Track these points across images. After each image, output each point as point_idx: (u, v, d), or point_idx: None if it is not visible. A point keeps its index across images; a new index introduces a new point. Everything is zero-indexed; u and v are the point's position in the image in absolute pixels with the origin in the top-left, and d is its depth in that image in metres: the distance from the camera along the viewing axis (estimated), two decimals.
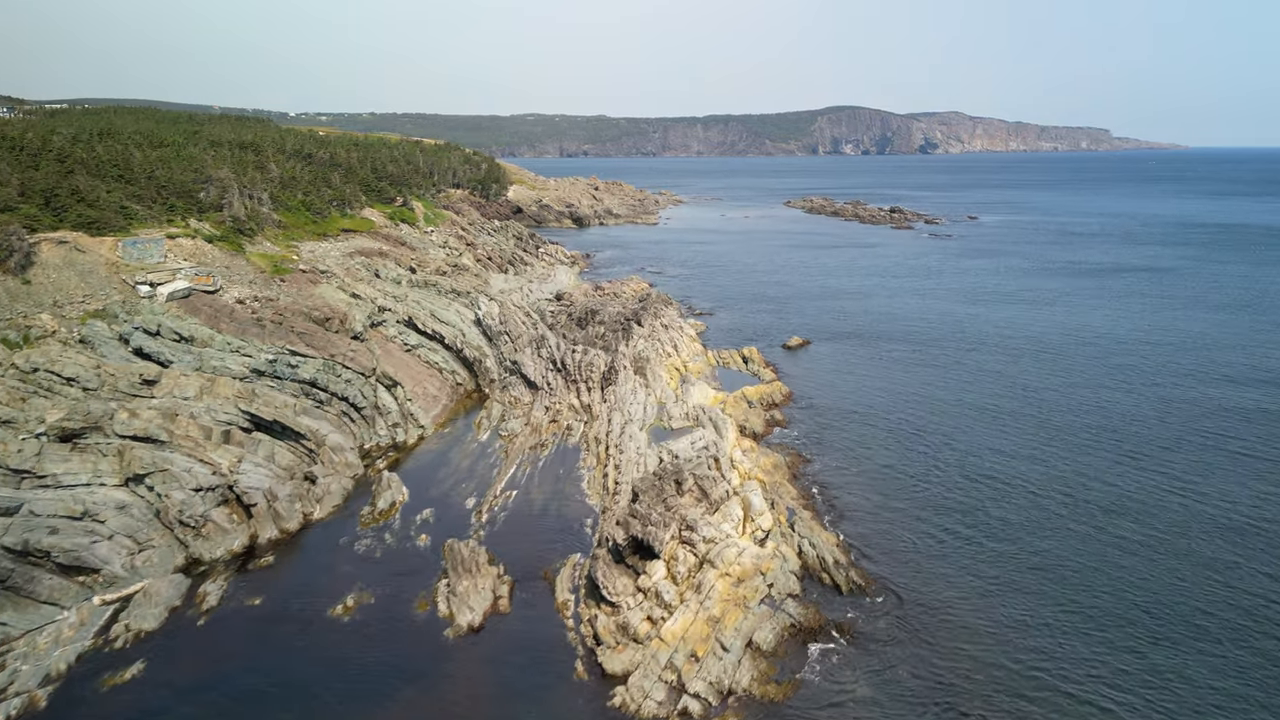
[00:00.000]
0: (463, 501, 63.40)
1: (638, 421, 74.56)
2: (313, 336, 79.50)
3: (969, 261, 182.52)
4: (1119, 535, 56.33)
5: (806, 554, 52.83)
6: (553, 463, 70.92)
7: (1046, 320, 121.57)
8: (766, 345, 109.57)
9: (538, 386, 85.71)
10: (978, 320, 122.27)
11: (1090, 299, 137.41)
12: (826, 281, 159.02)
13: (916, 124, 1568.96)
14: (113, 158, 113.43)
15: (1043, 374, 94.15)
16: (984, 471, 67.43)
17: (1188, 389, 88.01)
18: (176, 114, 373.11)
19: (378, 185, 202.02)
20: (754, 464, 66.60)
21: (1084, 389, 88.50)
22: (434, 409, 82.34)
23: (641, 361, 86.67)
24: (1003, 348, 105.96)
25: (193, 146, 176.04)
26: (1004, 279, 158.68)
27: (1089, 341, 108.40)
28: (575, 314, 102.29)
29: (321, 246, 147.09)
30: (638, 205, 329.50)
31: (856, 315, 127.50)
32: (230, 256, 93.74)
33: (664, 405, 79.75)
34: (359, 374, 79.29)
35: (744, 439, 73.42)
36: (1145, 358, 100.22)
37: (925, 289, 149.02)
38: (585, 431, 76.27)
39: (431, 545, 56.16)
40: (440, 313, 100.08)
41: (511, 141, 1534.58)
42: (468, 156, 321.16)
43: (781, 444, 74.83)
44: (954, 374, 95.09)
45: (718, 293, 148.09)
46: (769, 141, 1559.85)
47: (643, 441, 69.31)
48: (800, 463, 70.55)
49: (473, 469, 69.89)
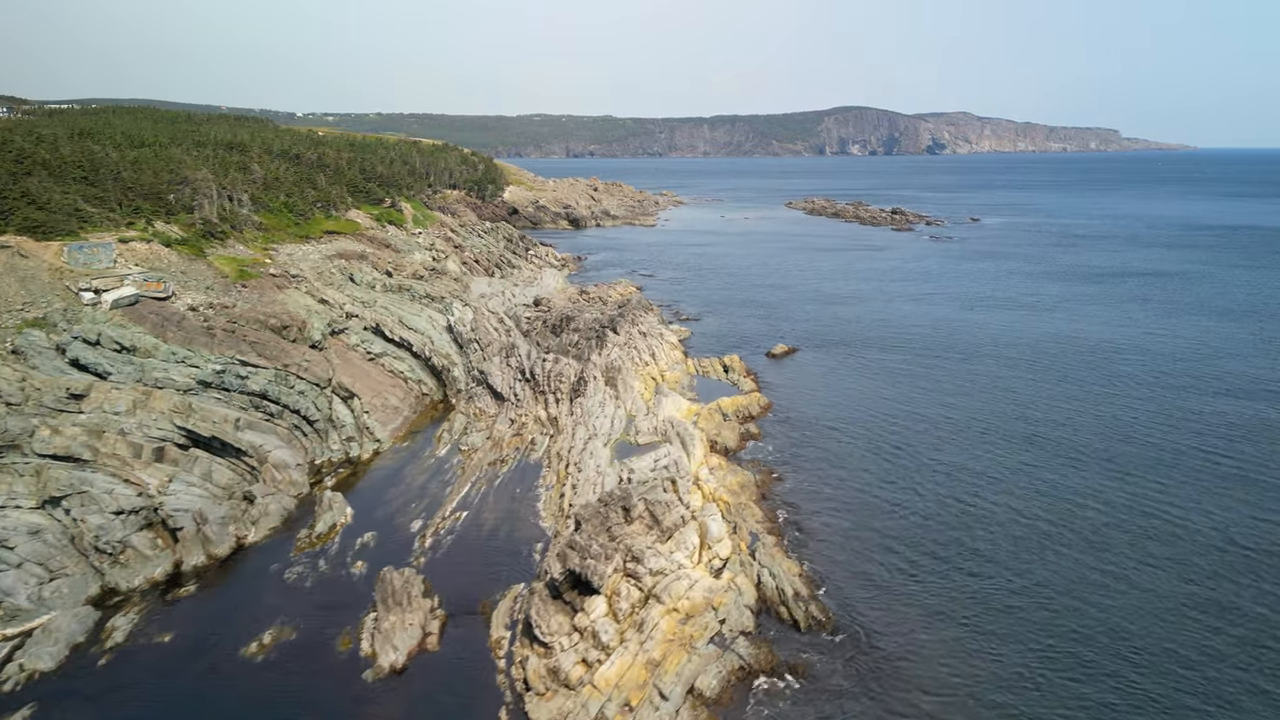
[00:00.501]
0: (409, 524, 59.75)
1: (603, 436, 70.86)
2: (265, 345, 76.01)
3: (967, 265, 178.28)
4: (1110, 573, 52.19)
5: (766, 585, 49.01)
6: (511, 481, 67.22)
7: (1043, 327, 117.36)
8: (751, 353, 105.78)
9: (504, 398, 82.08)
10: (972, 327, 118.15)
11: (1090, 305, 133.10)
12: (820, 285, 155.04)
13: (924, 124, 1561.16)
14: (78, 158, 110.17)
15: (1036, 385, 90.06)
16: (965, 495, 63.44)
17: (1187, 401, 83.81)
18: (175, 114, 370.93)
19: (365, 186, 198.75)
20: (720, 483, 62.80)
21: (1078, 402, 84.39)
22: (394, 421, 78.76)
23: (613, 371, 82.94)
24: (996, 357, 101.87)
25: (175, 147, 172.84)
26: (1002, 283, 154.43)
27: (1086, 350, 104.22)
28: (550, 320, 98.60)
29: (301, 249, 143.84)
30: (636, 207, 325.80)
31: (847, 321, 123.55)
32: (189, 261, 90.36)
33: (633, 418, 76.03)
34: (314, 385, 75.78)
35: (714, 455, 69.64)
36: (1144, 367, 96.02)
37: (921, 294, 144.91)
38: (550, 446, 72.57)
39: (367, 573, 52.51)
40: (409, 319, 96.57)
41: (518, 142, 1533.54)
42: (465, 157, 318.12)
43: (754, 460, 71.01)
44: (943, 385, 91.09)
45: (707, 297, 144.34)
46: (775, 142, 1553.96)
47: (604, 459, 65.59)
48: (771, 481, 66.72)
49: (425, 487, 66.25)
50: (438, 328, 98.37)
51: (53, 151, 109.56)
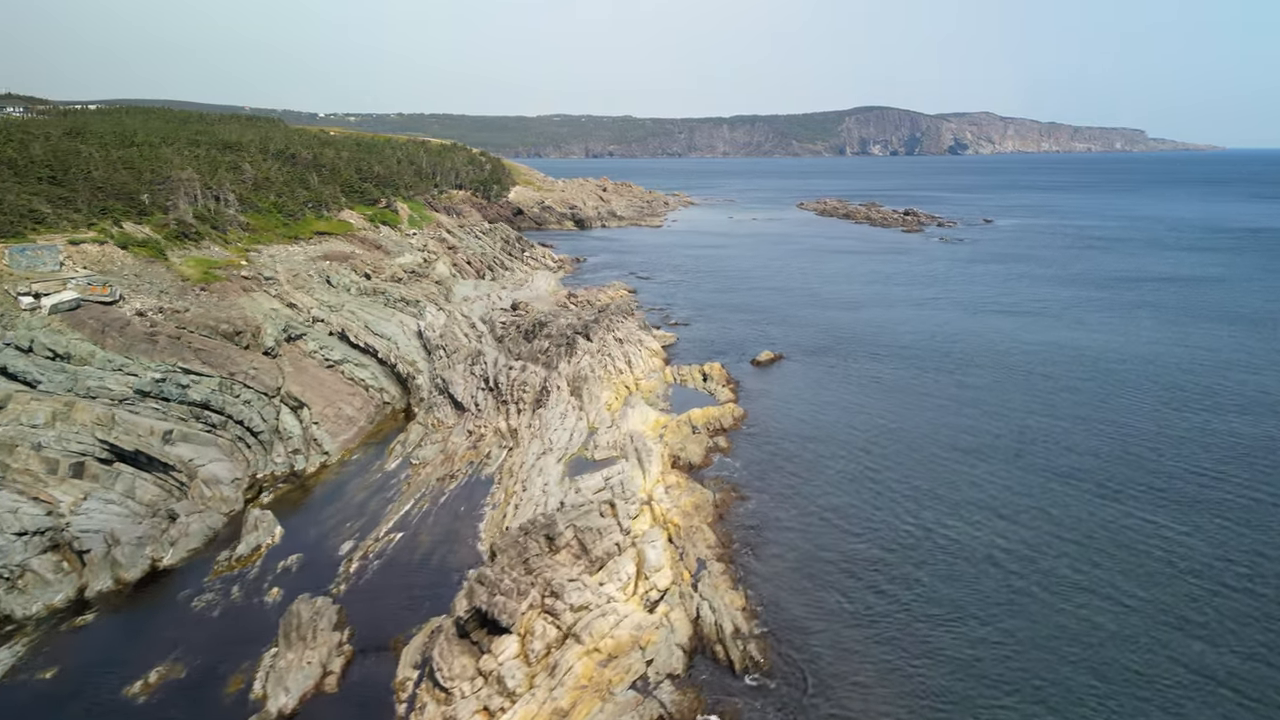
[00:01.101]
0: (338, 546, 56.17)
1: (558, 450, 67.03)
2: (211, 353, 72.81)
3: (975, 268, 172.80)
4: (1086, 624, 47.60)
5: (704, 620, 44.95)
6: (457, 498, 63.50)
7: (1045, 335, 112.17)
8: (736, 360, 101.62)
9: (464, 408, 78.42)
10: (970, 335, 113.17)
11: (1098, 311, 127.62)
12: (819, 289, 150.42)
13: (946, 124, 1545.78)
14: (47, 158, 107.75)
15: (1031, 399, 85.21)
16: (940, 523, 58.96)
17: (1191, 418, 78.70)
18: (190, 114, 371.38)
19: (361, 187, 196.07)
20: (674, 504, 58.74)
21: (1073, 418, 79.50)
22: (346, 432, 75.28)
23: (579, 381, 79.11)
24: (993, 366, 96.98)
25: (166, 146, 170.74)
26: (1008, 288, 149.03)
27: (1089, 360, 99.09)
28: (523, 326, 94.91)
29: (287, 250, 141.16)
30: (645, 207, 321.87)
31: (840, 327, 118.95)
32: (146, 264, 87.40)
33: (595, 431, 72.16)
34: (261, 394, 72.53)
35: (674, 472, 65.59)
36: (1149, 379, 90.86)
37: (922, 298, 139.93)
38: (505, 460, 68.79)
39: (283, 602, 48.91)
40: (376, 324, 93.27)
41: (537, 142, 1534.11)
42: (473, 157, 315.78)
43: (718, 477, 66.85)
44: (931, 397, 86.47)
45: (702, 300, 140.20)
46: (795, 142, 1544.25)
47: (554, 476, 61.75)
48: (733, 501, 62.56)
49: (365, 505, 62.70)
50: (408, 333, 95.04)
51: (21, 151, 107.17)
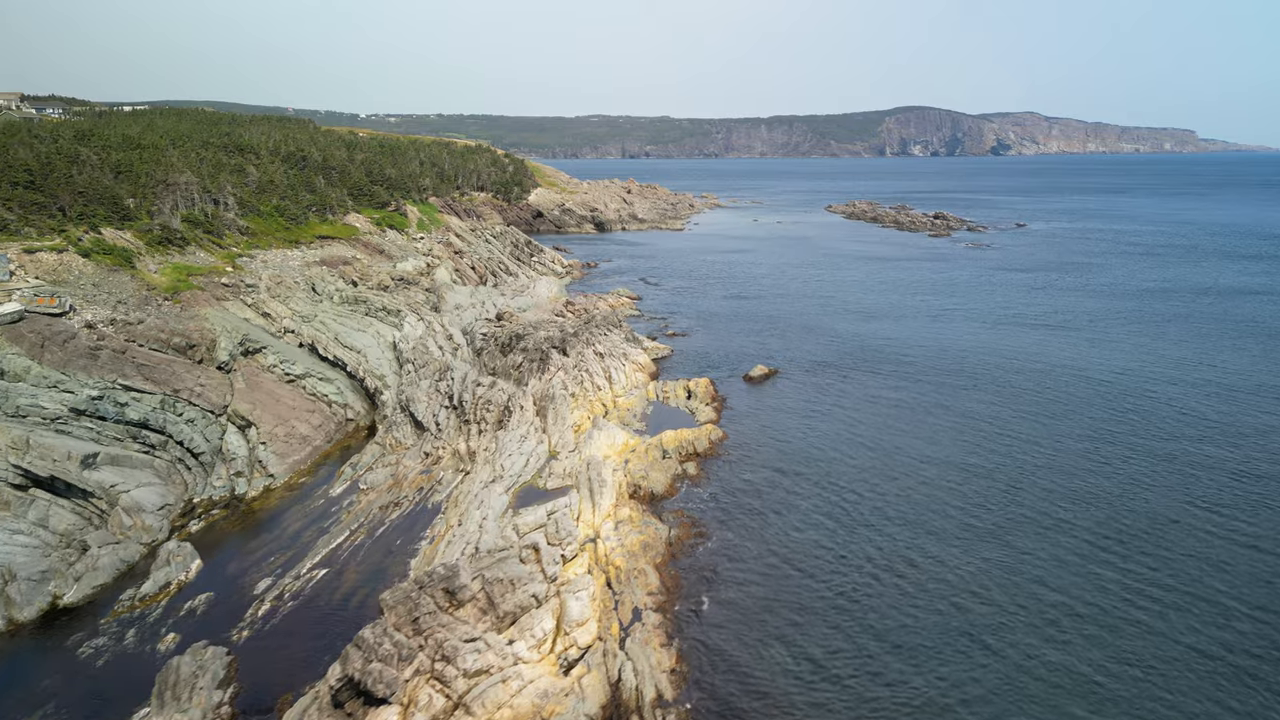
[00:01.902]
0: (255, 584, 52.23)
1: (509, 478, 62.56)
2: (155, 368, 69.49)
3: (999, 277, 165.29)
4: (1067, 683, 42.15)
5: (625, 685, 40.17)
6: (397, 530, 59.31)
7: (1064, 352, 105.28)
8: (729, 374, 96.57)
9: (425, 427, 74.32)
10: (983, 351, 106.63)
11: (1124, 325, 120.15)
12: (831, 298, 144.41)
13: (989, 124, 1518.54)
14: (25, 162, 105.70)
15: (1036, 425, 78.96)
16: (916, 569, 53.45)
17: (1213, 452, 71.98)
18: (221, 115, 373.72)
19: (370, 189, 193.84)
20: (620, 542, 53.94)
21: (1078, 450, 73.18)
22: (298, 452, 71.49)
23: (546, 400, 74.59)
24: (1001, 388, 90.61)
25: (175, 149, 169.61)
26: (1031, 298, 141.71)
27: (1105, 380, 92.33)
28: (501, 339, 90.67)
29: (284, 255, 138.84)
30: (668, 210, 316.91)
31: (847, 340, 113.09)
32: (107, 273, 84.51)
33: (556, 456, 67.62)
34: (207, 412, 69.11)
35: (631, 503, 60.78)
36: (1171, 404, 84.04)
37: (938, 309, 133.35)
38: (457, 487, 64.48)
39: (177, 648, 45.06)
40: (348, 336, 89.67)
41: (574, 143, 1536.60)
42: (495, 159, 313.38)
43: (680, 509, 61.94)
44: (930, 420, 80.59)
45: (706, 309, 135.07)
46: (834, 142, 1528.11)
47: (496, 508, 57.27)
48: (690, 537, 57.63)
49: (299, 536, 58.79)
50: (382, 345, 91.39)
51: (1, 155, 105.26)
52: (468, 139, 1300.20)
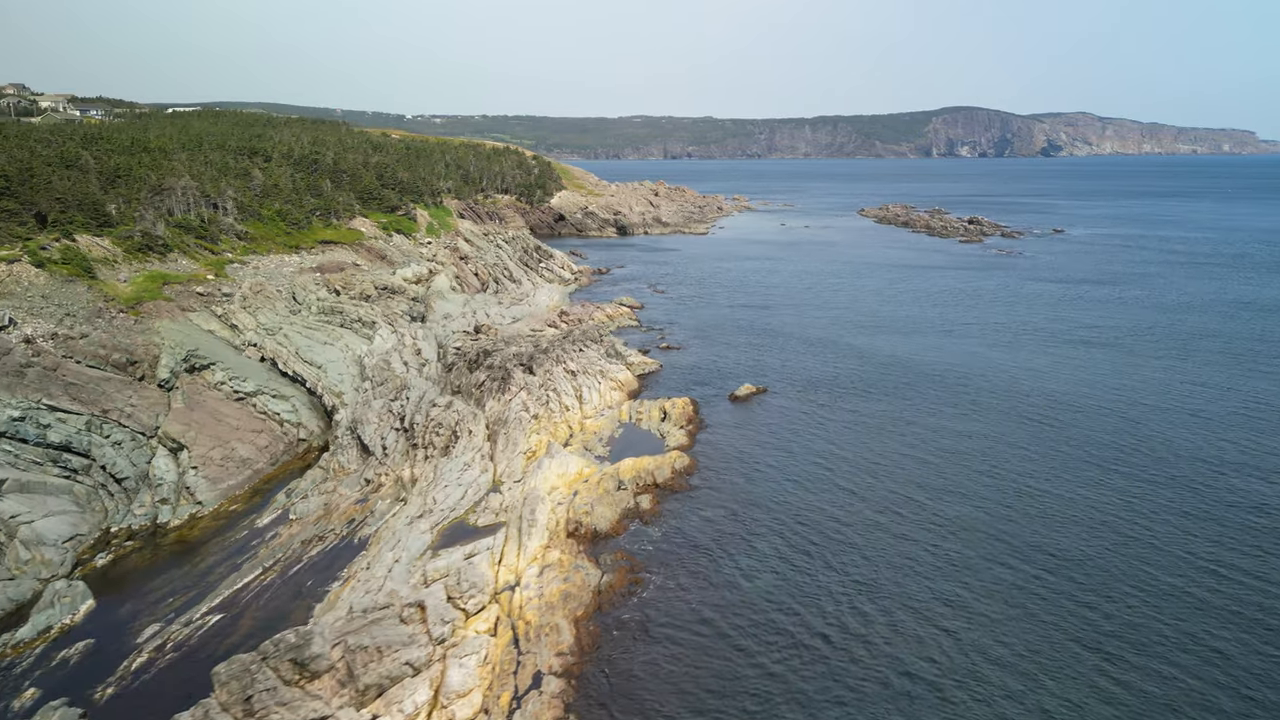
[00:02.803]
0: (143, 629, 48.36)
1: (439, 513, 58.02)
2: (85, 387, 66.26)
3: (1026, 287, 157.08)
4: None
5: None
6: (314, 568, 55.12)
7: (1081, 372, 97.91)
8: (715, 392, 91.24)
9: (371, 451, 70.22)
10: (993, 369, 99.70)
11: (1154, 342, 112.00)
12: (843, 309, 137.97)
13: (1039, 125, 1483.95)
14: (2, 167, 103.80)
15: (1038, 456, 72.31)
16: (869, 645, 47.79)
17: (1237, 493, 65.00)
18: (255, 116, 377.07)
19: (381, 193, 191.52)
20: (540, 591, 49.04)
21: (1080, 479, 66.56)
22: (235, 477, 67.75)
23: (498, 424, 70.04)
24: (1006, 413, 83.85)
25: (183, 152, 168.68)
26: (1055, 311, 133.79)
27: (1125, 406, 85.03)
28: (469, 354, 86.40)
29: (280, 261, 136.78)
30: (695, 213, 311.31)
31: (848, 356, 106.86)
32: (62, 284, 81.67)
33: (499, 486, 62.99)
34: (138, 433, 65.72)
35: (569, 542, 55.87)
36: (1194, 436, 76.73)
37: (953, 323, 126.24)
38: (389, 520, 60.18)
39: (33, 706, 41.24)
40: (311, 350, 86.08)
41: (616, 144, 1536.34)
42: (521, 161, 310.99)
43: (623, 550, 56.85)
44: (922, 451, 74.30)
45: (708, 319, 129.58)
46: (879, 143, 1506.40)
47: (414, 549, 52.74)
48: (625, 584, 52.54)
49: (209, 572, 54.90)
50: (348, 359, 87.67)
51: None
52: (510, 140, 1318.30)
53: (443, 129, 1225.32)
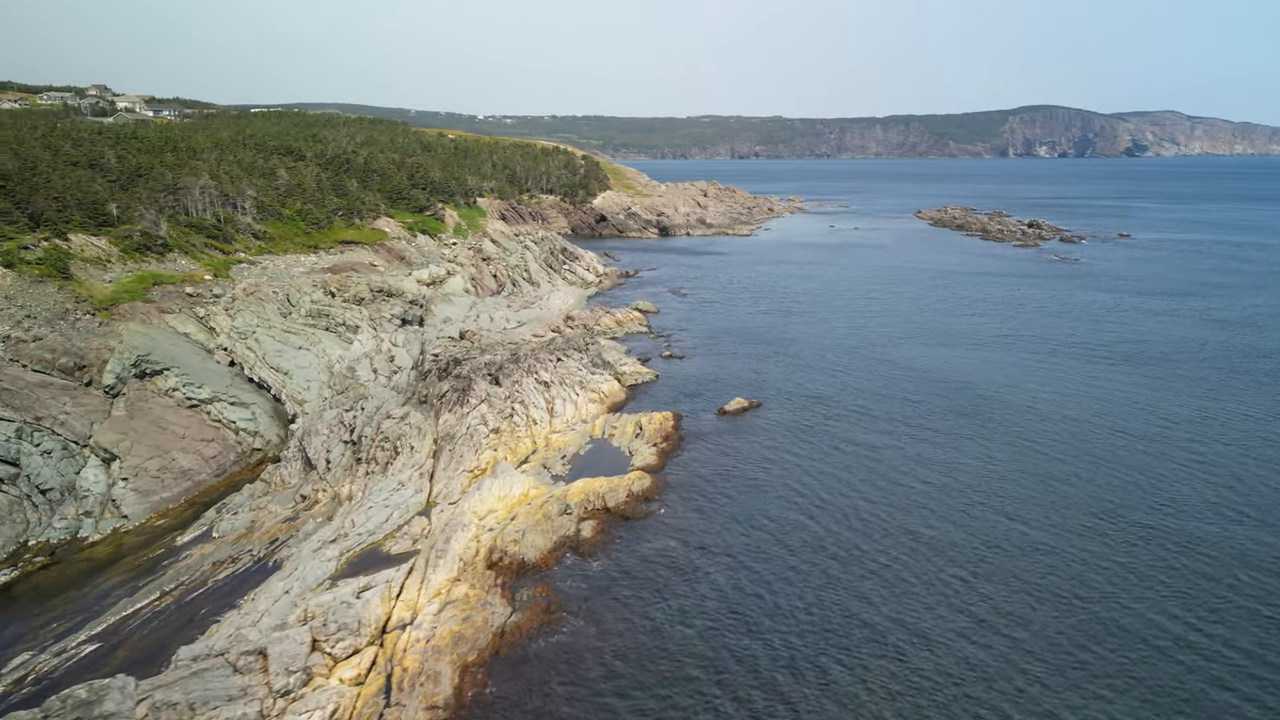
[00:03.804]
0: (12, 659, 45.40)
1: (355, 537, 54.08)
2: (19, 393, 64.30)
3: (1076, 296, 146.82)
4: None
5: None
6: (215, 594, 51.66)
7: (1117, 392, 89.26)
8: (703, 407, 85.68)
9: (314, 464, 66.85)
10: (1021, 388, 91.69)
11: (1198, 362, 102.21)
12: (869, 318, 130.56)
13: (1123, 124, 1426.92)
14: (4, 167, 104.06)
15: (1043, 494, 65.07)
16: (801, 693, 42.15)
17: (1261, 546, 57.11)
18: (312, 117, 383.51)
19: (410, 193, 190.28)
20: (432, 631, 44.54)
21: (1096, 532, 59.51)
22: (170, 490, 65.03)
23: (447, 439, 65.93)
24: (1024, 440, 76.04)
25: (211, 152, 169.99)
26: (1102, 324, 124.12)
27: (1161, 434, 76.82)
28: (442, 362, 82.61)
29: (293, 261, 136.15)
30: (742, 214, 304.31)
31: (860, 370, 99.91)
32: (30, 284, 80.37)
33: (431, 508, 58.85)
34: (71, 442, 63.48)
35: (487, 574, 51.26)
36: (1232, 474, 68.62)
37: (988, 335, 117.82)
38: (303, 543, 56.52)
39: None
40: (281, 355, 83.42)
41: (683, 144, 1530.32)
42: (569, 160, 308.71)
43: (548, 586, 51.98)
44: (912, 485, 67.65)
45: (722, 327, 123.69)
46: (953, 143, 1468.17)
47: (311, 579, 48.84)
48: (537, 625, 47.67)
49: (107, 595, 51.96)
50: (319, 365, 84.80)
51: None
52: (577, 140, 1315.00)
53: (513, 129, 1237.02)
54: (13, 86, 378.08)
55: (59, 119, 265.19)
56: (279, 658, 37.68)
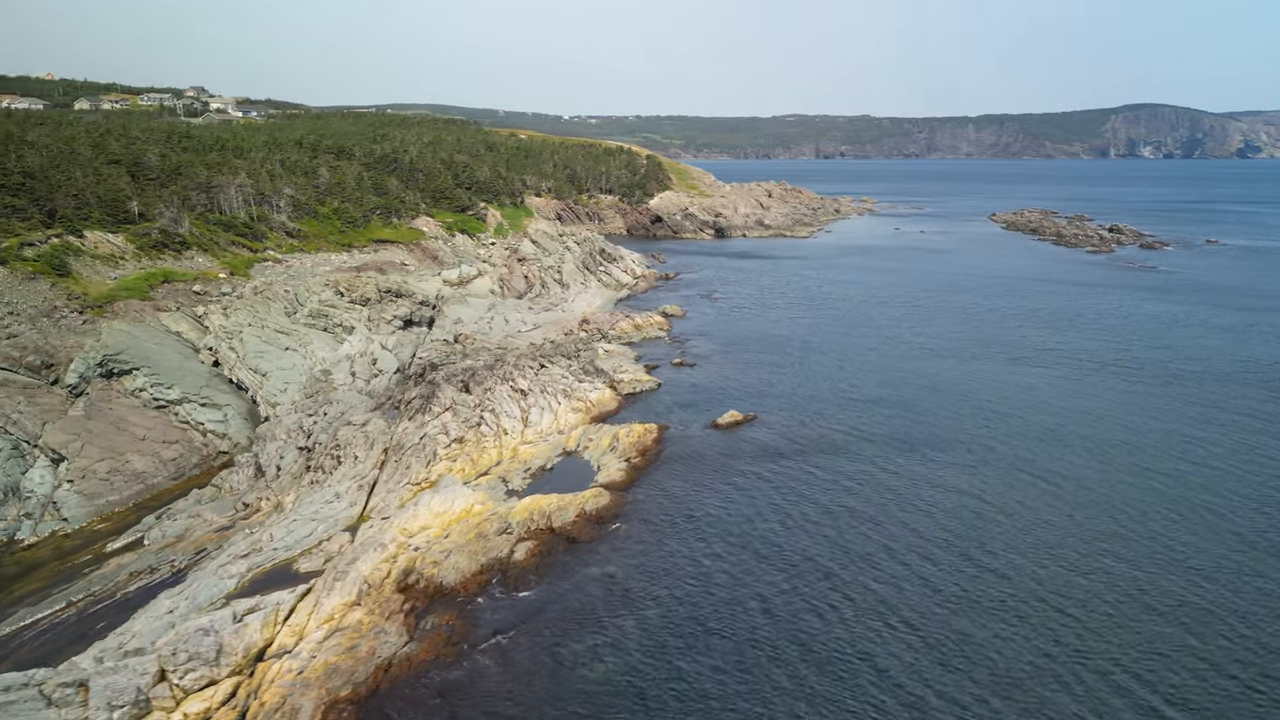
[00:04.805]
0: None
1: (269, 552, 51.52)
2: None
3: (1144, 307, 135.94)
4: None
5: None
6: (121, 607, 49.52)
7: (1161, 423, 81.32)
8: (696, 419, 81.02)
9: (264, 471, 64.90)
10: (1046, 410, 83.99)
11: (1261, 389, 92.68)
12: (906, 327, 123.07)
13: (1235, 124, 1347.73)
14: (21, 165, 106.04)
15: (1037, 556, 58.79)
16: None
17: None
18: (385, 118, 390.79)
19: (453, 192, 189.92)
20: (307, 662, 41.43)
21: (1119, 600, 52.98)
22: (118, 493, 63.85)
23: (397, 448, 63.07)
24: (1035, 475, 69.55)
25: (255, 151, 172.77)
26: (1163, 339, 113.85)
27: (1212, 475, 69.15)
28: (420, 366, 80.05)
29: (322, 260, 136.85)
30: (804, 216, 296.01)
31: (870, 386, 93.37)
32: (21, 281, 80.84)
33: (362, 524, 55.98)
34: (23, 441, 62.93)
35: (394, 598, 47.95)
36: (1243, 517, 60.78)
37: (1030, 349, 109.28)
38: (216, 556, 54.25)
39: None
40: (260, 356, 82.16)
41: (766, 144, 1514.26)
42: (630, 160, 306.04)
43: (459, 614, 48.28)
44: (888, 513, 62.05)
45: (742, 334, 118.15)
46: (1049, 143, 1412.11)
47: (203, 596, 46.34)
48: (432, 657, 44.06)
49: (17, 603, 50.59)
50: (302, 368, 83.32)
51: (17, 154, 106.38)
52: (661, 139, 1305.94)
53: (597, 129, 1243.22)
54: (116, 88, 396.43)
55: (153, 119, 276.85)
56: (102, 691, 35.01)
